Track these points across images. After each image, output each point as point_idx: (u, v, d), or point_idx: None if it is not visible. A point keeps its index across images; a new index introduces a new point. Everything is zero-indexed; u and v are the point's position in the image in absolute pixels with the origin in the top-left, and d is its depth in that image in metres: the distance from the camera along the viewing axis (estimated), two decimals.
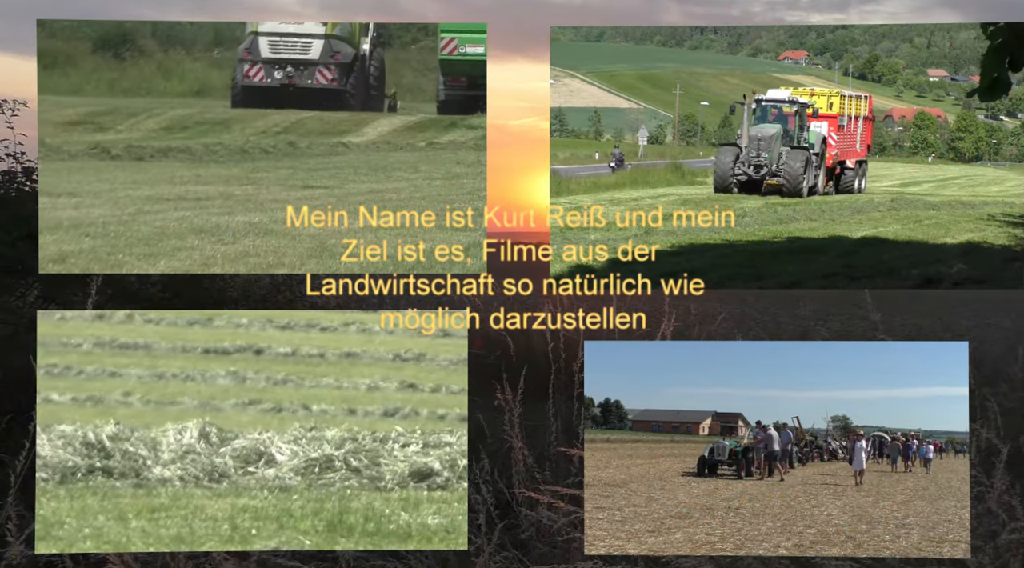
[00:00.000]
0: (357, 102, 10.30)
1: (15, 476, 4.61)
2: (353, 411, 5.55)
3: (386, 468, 4.81)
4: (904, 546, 4.39)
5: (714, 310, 8.35)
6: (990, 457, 4.94)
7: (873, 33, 12.68)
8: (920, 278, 5.91)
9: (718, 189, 9.41)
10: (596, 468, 4.70)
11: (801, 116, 10.29)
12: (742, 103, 10.38)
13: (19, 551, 4.42)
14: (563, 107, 11.45)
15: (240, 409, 5.54)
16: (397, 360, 6.43)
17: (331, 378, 6.09)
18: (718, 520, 4.54)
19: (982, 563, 4.50)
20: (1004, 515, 4.64)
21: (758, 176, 9.53)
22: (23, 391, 5.44)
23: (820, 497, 4.96)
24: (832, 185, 10.07)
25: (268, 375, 6.01)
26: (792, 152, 9.76)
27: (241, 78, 9.88)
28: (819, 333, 10.18)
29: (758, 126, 10.24)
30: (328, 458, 4.82)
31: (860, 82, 12.36)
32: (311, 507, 4.55)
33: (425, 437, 5.02)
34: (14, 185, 7.86)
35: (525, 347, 6.29)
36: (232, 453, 4.83)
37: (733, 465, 5.13)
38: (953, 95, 12.27)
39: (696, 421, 5.30)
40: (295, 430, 5.04)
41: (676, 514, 4.63)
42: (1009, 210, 7.61)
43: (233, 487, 4.69)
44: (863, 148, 10.28)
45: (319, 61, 9.99)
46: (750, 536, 4.40)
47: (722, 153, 9.81)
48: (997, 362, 7.91)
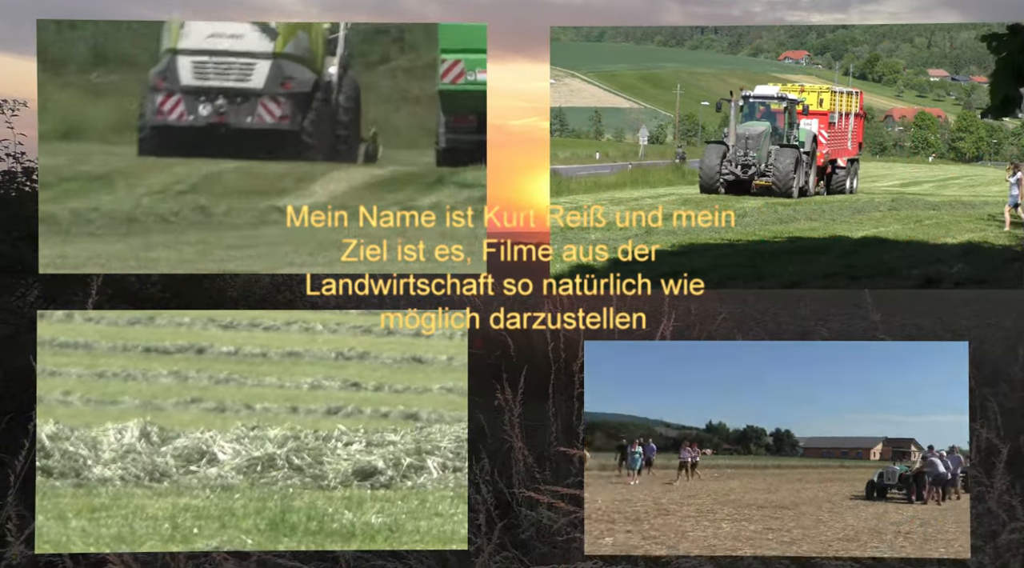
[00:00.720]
0: (319, 149, 7.45)
1: (15, 476, 4.61)
2: (296, 410, 5.54)
3: (329, 467, 4.79)
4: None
5: (714, 310, 8.34)
6: (990, 457, 4.93)
7: (873, 33, 12.67)
8: (920, 278, 5.91)
9: (704, 190, 9.12)
10: (768, 491, 4.74)
11: (790, 113, 10.01)
12: (729, 100, 10.06)
13: (19, 551, 4.42)
14: (563, 107, 11.43)
15: (182, 408, 5.51)
16: (340, 359, 6.41)
17: (274, 377, 6.07)
18: (887, 544, 4.52)
19: (982, 563, 4.50)
20: (1004, 515, 4.63)
21: (746, 176, 9.22)
22: (23, 391, 5.44)
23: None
24: (823, 185, 9.81)
25: (210, 374, 5.99)
26: (781, 151, 9.47)
27: (152, 114, 7.26)
28: (819, 333, 10.18)
29: (746, 124, 9.92)
30: (271, 457, 4.80)
31: (861, 82, 12.35)
32: (253, 506, 4.53)
33: (368, 436, 5.02)
34: (14, 185, 7.86)
35: (525, 347, 6.28)
36: (173, 452, 4.81)
37: (903, 489, 5.07)
38: (954, 95, 12.27)
39: (867, 447, 5.27)
40: (237, 429, 5.02)
41: (844, 537, 4.60)
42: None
43: (175, 486, 4.66)
44: (854, 146, 10.12)
45: (263, 90, 7.34)
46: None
47: (708, 152, 9.46)
48: (997, 362, 7.90)
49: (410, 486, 4.74)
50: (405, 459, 4.81)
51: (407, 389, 5.84)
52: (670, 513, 4.80)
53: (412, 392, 5.84)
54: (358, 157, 7.69)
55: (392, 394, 5.78)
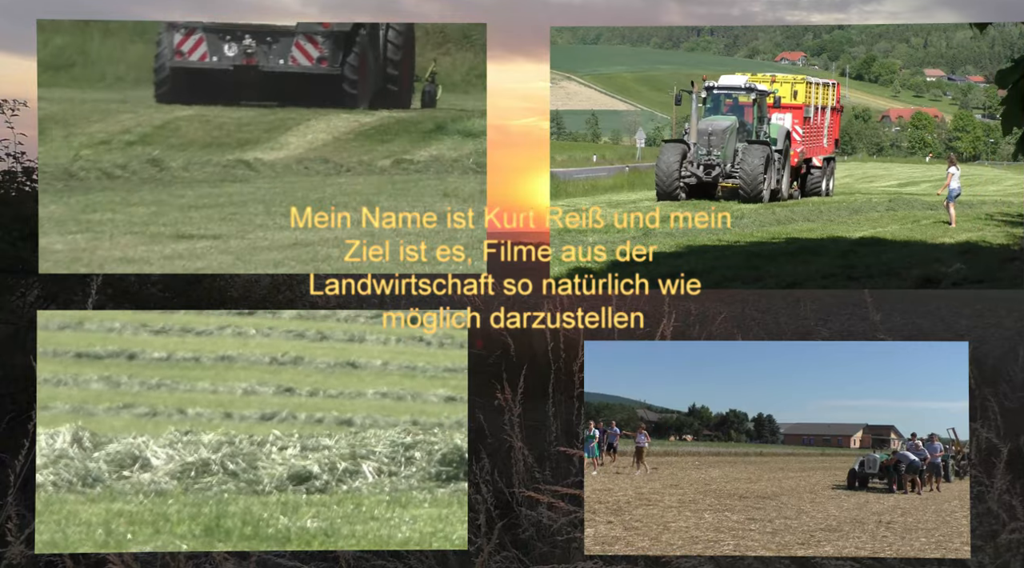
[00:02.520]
0: (362, 94, 6.49)
1: (15, 476, 4.61)
2: (229, 415, 5.46)
3: (264, 472, 4.75)
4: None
5: (714, 310, 8.34)
6: (990, 457, 4.94)
7: (870, 33, 12.69)
8: (919, 278, 5.92)
9: (662, 195, 8.03)
10: (750, 481, 4.72)
11: (760, 106, 9.05)
12: (689, 91, 9.11)
13: (19, 551, 4.42)
14: (560, 110, 11.42)
15: (113, 413, 5.43)
16: (274, 364, 6.31)
17: (207, 382, 5.96)
18: (868, 534, 4.50)
19: (982, 563, 4.50)
20: (1004, 515, 4.64)
21: (709, 177, 8.24)
22: (23, 391, 5.44)
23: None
24: (798, 187, 8.95)
25: (142, 380, 5.91)
26: (749, 148, 8.50)
27: (170, 55, 6.37)
28: (819, 333, 10.15)
29: (709, 118, 8.96)
30: (204, 462, 4.75)
31: (857, 82, 12.37)
32: (188, 511, 4.48)
33: (303, 440, 4.97)
34: (14, 185, 7.85)
35: (525, 347, 6.29)
36: (106, 458, 4.74)
37: (884, 478, 5.05)
38: (950, 95, 12.29)
39: (848, 433, 5.26)
40: (170, 434, 4.96)
41: (826, 527, 4.59)
42: (1007, 209, 7.62)
43: (107, 492, 4.60)
44: (831, 144, 9.45)
45: (297, 30, 6.36)
46: (902, 552, 4.38)
47: (665, 152, 8.34)
48: (997, 362, 7.92)
49: (345, 490, 4.69)
50: (340, 464, 4.77)
51: (341, 394, 5.80)
52: (652, 504, 4.80)
53: (346, 397, 5.79)
54: (412, 101, 6.89)
55: (327, 399, 5.72)
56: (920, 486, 4.94)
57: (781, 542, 4.41)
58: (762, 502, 4.80)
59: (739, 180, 8.16)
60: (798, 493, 5.11)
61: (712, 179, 8.23)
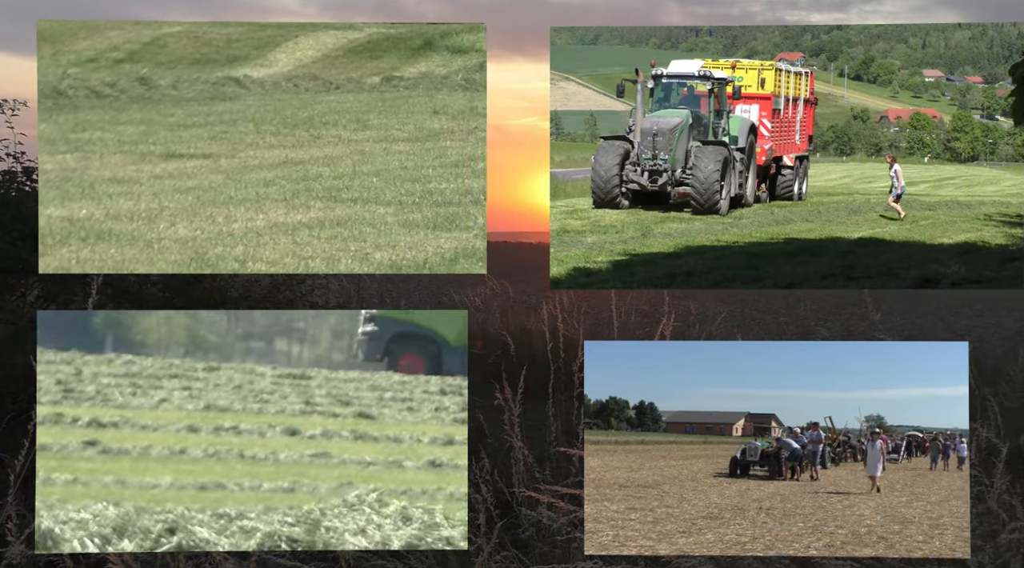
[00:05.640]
0: None
1: (15, 476, 4.60)
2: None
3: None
4: (938, 546, 4.35)
5: (714, 310, 8.34)
6: (990, 457, 4.95)
7: (868, 34, 12.69)
8: (918, 278, 5.93)
9: (599, 203, 6.69)
10: (631, 469, 4.70)
11: (719, 98, 7.59)
12: (634, 81, 7.86)
13: (19, 551, 4.41)
14: (559, 110, 11.41)
15: None
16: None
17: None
18: (749, 521, 4.52)
19: (982, 563, 4.51)
20: (1004, 515, 4.64)
21: (655, 186, 6.85)
22: (23, 391, 5.44)
23: (852, 497, 4.92)
24: (766, 189, 7.78)
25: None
26: (704, 150, 7.10)
27: None
28: (819, 333, 10.14)
29: (655, 115, 7.61)
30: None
31: (856, 83, 12.38)
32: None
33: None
34: (14, 185, 7.85)
35: (525, 347, 6.29)
36: None
37: (765, 466, 5.09)
38: (948, 95, 12.30)
39: (729, 422, 5.26)
40: None
41: (707, 515, 4.60)
42: (1006, 210, 7.63)
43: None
44: (804, 140, 8.27)
45: None
46: (780, 536, 4.37)
47: (603, 152, 7.12)
48: (997, 362, 7.93)
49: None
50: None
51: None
52: None
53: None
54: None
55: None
56: (799, 473, 5.02)
57: (662, 531, 4.41)
58: (643, 491, 4.80)
59: (690, 188, 6.78)
60: (680, 481, 5.11)
61: (659, 188, 6.88)
